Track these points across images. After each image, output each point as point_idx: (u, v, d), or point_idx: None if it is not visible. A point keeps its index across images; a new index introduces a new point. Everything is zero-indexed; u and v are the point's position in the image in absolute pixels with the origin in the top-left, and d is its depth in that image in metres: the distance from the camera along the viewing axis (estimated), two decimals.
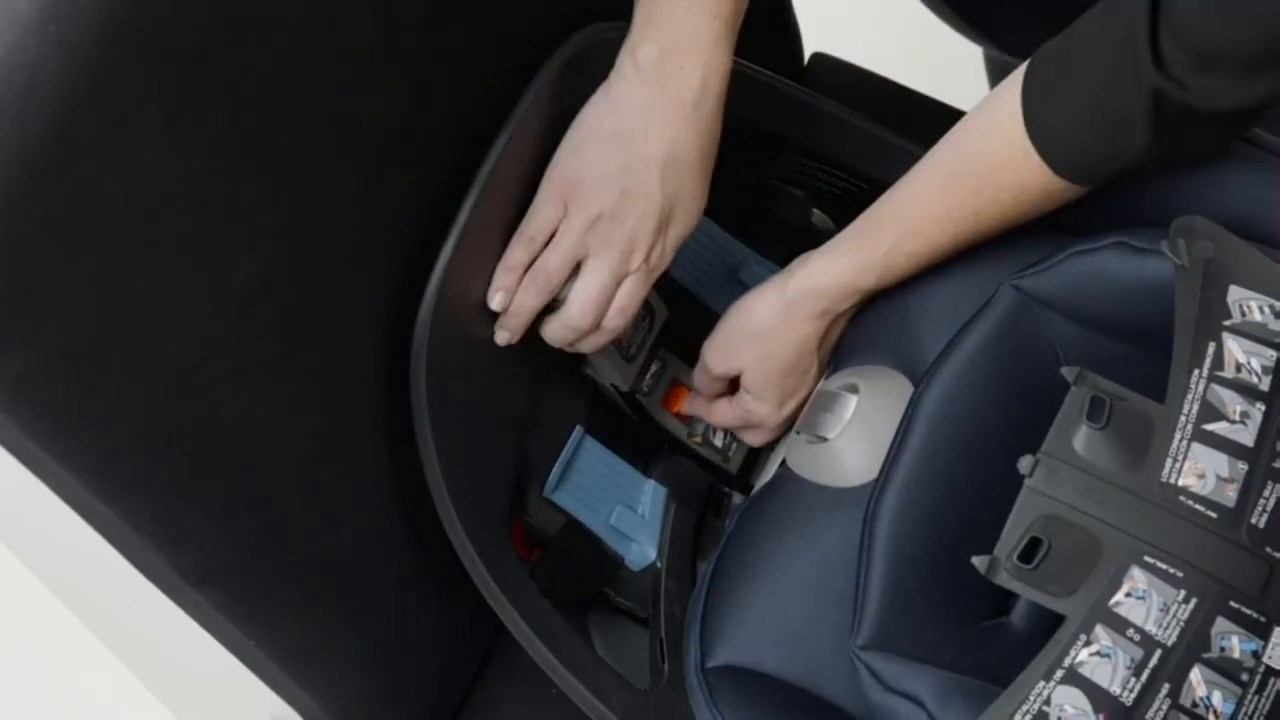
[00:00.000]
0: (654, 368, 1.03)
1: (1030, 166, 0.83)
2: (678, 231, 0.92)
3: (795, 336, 0.95)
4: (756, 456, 1.06)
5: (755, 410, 0.98)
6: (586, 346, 0.95)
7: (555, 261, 0.91)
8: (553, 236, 0.91)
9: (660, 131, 0.88)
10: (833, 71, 1.31)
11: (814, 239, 1.09)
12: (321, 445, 0.86)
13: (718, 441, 1.04)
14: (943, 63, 1.35)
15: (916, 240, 0.89)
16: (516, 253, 0.91)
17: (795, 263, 0.95)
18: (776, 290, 0.94)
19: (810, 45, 1.32)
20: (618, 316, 0.93)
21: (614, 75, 0.90)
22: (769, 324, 0.95)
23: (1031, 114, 0.82)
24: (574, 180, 0.90)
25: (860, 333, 0.97)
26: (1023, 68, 0.84)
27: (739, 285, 1.06)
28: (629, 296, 0.93)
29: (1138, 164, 0.82)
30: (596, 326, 0.93)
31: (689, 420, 1.05)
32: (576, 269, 0.92)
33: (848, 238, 0.92)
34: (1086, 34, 0.81)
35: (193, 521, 0.80)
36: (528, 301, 0.92)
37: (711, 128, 0.91)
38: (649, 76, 0.88)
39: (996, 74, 1.49)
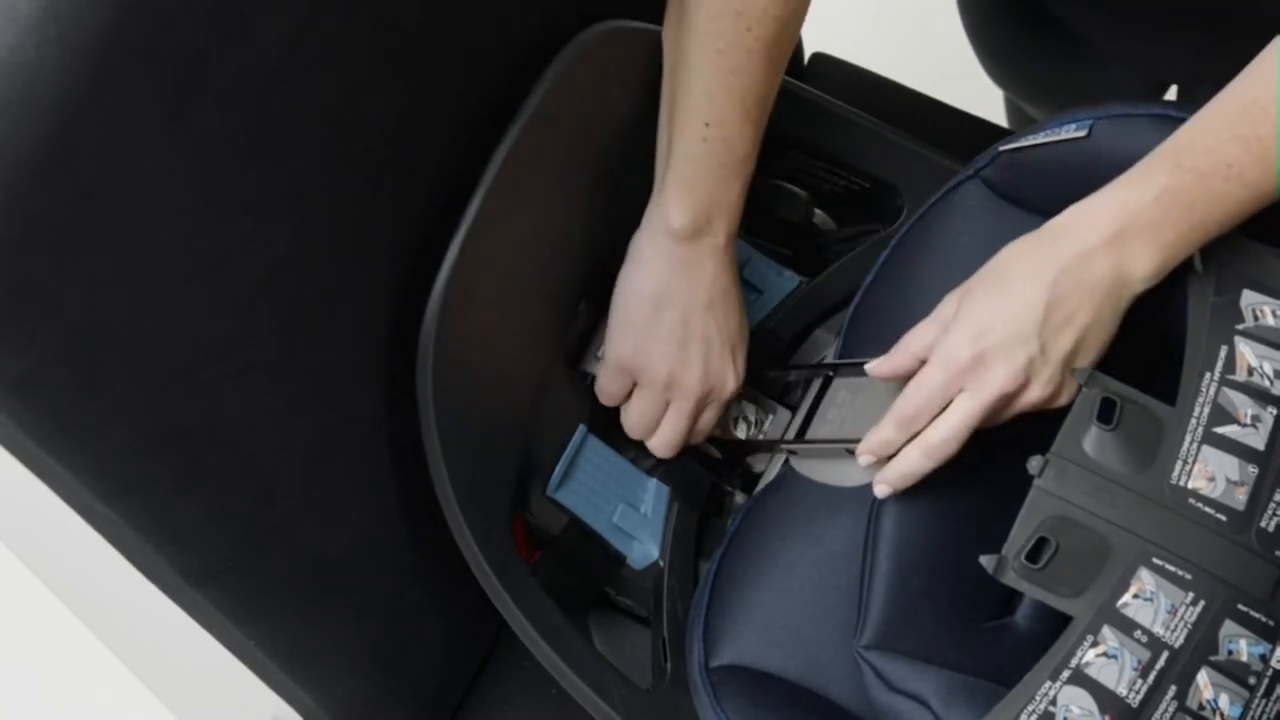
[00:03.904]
0: None
1: None
2: (742, 352, 0.97)
3: None
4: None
5: None
6: None
7: (638, 420, 0.98)
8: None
9: (700, 279, 0.93)
10: (832, 71, 1.31)
11: (817, 238, 1.09)
12: (322, 445, 0.86)
13: (740, 433, 1.04)
14: (942, 62, 1.35)
15: None
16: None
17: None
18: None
19: (810, 45, 1.32)
20: (700, 438, 1.01)
21: (645, 241, 0.94)
22: None
23: None
24: (633, 357, 0.95)
25: (863, 330, 0.97)
26: None
27: (742, 284, 1.05)
28: (710, 421, 0.99)
29: None
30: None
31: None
32: None
33: None
34: None
35: (193, 521, 0.79)
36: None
37: (734, 259, 0.95)
38: (683, 238, 0.92)
39: (1014, 112, 1.49)
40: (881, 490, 0.86)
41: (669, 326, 0.94)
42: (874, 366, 0.88)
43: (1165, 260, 0.80)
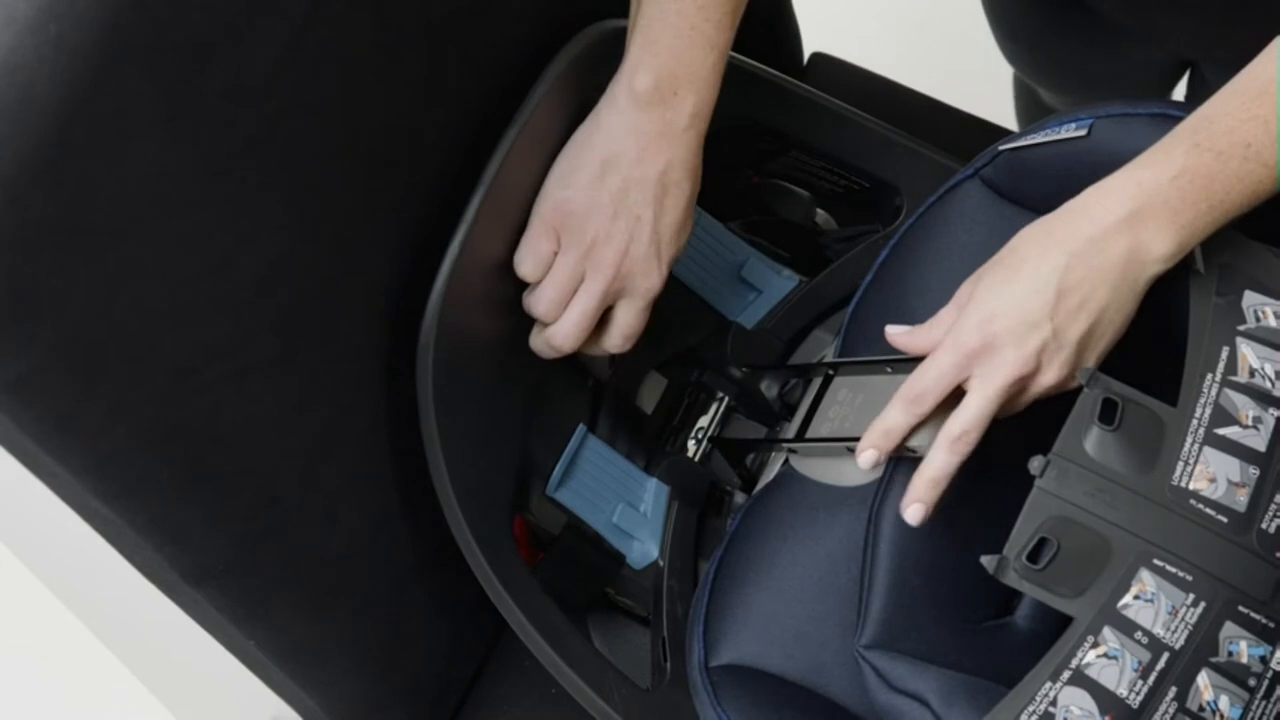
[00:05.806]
0: None
1: None
2: (670, 254, 0.91)
3: None
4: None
5: None
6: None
7: (552, 293, 0.90)
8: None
9: (654, 154, 0.88)
10: (832, 71, 1.31)
11: (817, 238, 1.09)
12: (322, 445, 0.86)
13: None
14: (941, 62, 1.35)
15: None
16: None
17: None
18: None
19: (810, 45, 1.32)
20: (621, 342, 0.93)
21: (605, 103, 0.89)
22: None
23: None
24: (565, 210, 0.89)
25: (863, 329, 0.97)
26: None
27: (742, 284, 1.05)
28: (629, 323, 0.92)
29: None
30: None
31: None
32: None
33: None
34: None
35: (193, 521, 0.79)
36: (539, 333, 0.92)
37: (698, 152, 0.90)
38: (644, 102, 0.87)
39: (1024, 96, 1.48)
40: (916, 512, 0.83)
41: (608, 191, 0.89)
42: (895, 329, 0.88)
43: (1183, 241, 0.79)
